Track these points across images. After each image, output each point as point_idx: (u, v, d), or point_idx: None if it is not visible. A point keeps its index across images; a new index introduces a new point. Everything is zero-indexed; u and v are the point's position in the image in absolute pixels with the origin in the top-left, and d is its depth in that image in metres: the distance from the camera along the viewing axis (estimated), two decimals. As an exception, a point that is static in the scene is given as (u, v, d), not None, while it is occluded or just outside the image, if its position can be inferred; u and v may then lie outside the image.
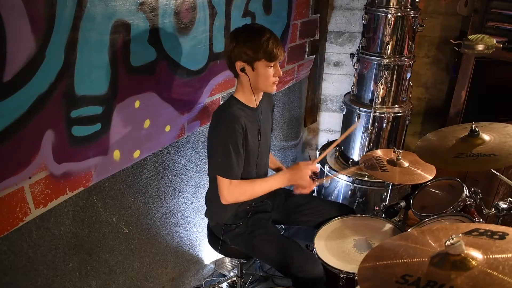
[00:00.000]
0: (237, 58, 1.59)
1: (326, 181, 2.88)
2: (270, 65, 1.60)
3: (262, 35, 1.56)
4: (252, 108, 1.73)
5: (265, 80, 1.63)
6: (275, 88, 1.69)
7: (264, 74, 1.61)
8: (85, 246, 1.59)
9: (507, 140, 1.53)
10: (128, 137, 1.61)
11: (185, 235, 2.22)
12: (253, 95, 1.69)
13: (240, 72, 1.62)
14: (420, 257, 0.99)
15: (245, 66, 1.60)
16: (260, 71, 1.60)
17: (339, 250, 1.75)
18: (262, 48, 1.55)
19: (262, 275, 2.54)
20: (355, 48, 3.06)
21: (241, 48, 1.57)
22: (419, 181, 1.95)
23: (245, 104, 1.70)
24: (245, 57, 1.58)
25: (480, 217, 1.75)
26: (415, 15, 2.53)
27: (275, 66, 1.63)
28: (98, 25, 1.33)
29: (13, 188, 1.21)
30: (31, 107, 1.19)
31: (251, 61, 1.58)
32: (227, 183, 1.64)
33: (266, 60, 1.57)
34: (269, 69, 1.61)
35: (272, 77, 1.64)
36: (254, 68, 1.60)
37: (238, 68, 1.61)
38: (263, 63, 1.58)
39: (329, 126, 3.55)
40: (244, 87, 1.68)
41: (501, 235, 0.95)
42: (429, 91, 3.45)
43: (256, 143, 1.74)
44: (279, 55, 1.59)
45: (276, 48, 1.57)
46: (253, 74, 1.61)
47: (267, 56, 1.57)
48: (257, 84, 1.64)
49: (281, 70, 1.66)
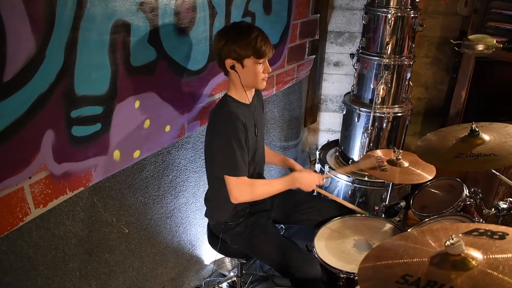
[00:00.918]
0: (226, 56, 1.61)
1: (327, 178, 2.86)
2: (259, 62, 1.62)
3: (250, 33, 1.58)
4: (247, 104, 1.74)
5: (254, 76, 1.65)
6: (265, 84, 1.71)
7: (254, 71, 1.64)
8: (85, 246, 1.59)
9: (507, 140, 1.53)
10: (128, 137, 1.61)
11: (185, 235, 2.22)
12: (245, 92, 1.71)
13: (230, 69, 1.64)
14: (420, 257, 0.99)
15: (234, 63, 1.62)
16: (249, 68, 1.63)
17: (339, 250, 1.75)
18: (251, 46, 1.58)
19: (262, 275, 2.54)
20: (355, 48, 3.06)
21: (230, 46, 1.59)
22: (419, 181, 1.95)
23: (240, 101, 1.72)
24: (234, 54, 1.60)
25: (480, 217, 1.74)
26: (415, 15, 2.53)
27: (264, 63, 1.65)
28: (98, 25, 1.33)
29: (13, 188, 1.21)
30: (31, 107, 1.19)
31: (240, 59, 1.60)
32: (234, 181, 1.64)
33: (255, 57, 1.60)
34: (258, 66, 1.63)
35: (262, 74, 1.66)
36: (243, 65, 1.62)
37: (228, 65, 1.63)
38: (252, 60, 1.61)
39: (329, 126, 3.55)
40: (236, 85, 1.70)
41: (501, 235, 0.95)
42: (429, 91, 3.45)
43: (254, 139, 1.76)
44: (268, 52, 1.62)
45: (265, 46, 1.60)
46: (243, 71, 1.63)
47: (256, 53, 1.59)
48: (247, 81, 1.67)
49: (270, 67, 1.69)
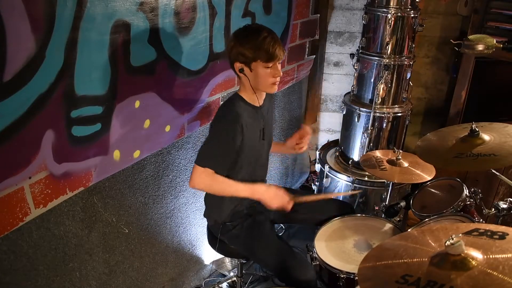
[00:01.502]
0: (235, 59, 1.58)
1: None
2: (268, 65, 1.56)
3: (258, 35, 1.53)
4: (256, 107, 1.71)
5: (263, 81, 1.60)
6: (275, 89, 1.66)
7: (262, 75, 1.58)
8: (85, 246, 1.59)
9: (507, 140, 1.53)
10: (128, 137, 1.61)
11: (185, 235, 2.22)
12: (254, 94, 1.68)
13: (239, 73, 1.61)
14: (420, 257, 0.99)
15: (243, 67, 1.58)
16: (258, 72, 1.57)
17: (339, 250, 1.75)
18: (258, 49, 1.52)
19: (262, 275, 2.54)
20: (355, 48, 3.06)
21: (238, 49, 1.55)
22: (419, 181, 1.95)
23: (249, 102, 1.69)
24: (242, 58, 1.56)
25: (480, 217, 1.75)
26: (415, 15, 2.53)
27: (274, 67, 1.58)
28: (98, 25, 1.33)
29: (13, 188, 1.21)
30: (31, 107, 1.19)
31: (248, 62, 1.56)
32: (199, 170, 1.59)
33: (262, 61, 1.54)
34: (267, 70, 1.57)
35: (272, 78, 1.60)
36: (251, 69, 1.58)
37: (237, 69, 1.60)
38: (260, 64, 1.55)
39: (329, 126, 3.55)
40: (246, 87, 1.66)
41: (501, 235, 0.96)
42: (429, 91, 3.45)
43: (259, 142, 1.73)
44: (277, 55, 1.55)
45: (273, 48, 1.53)
46: (251, 75, 1.60)
47: (263, 57, 1.53)
48: (257, 85, 1.63)
49: (281, 71, 1.63)
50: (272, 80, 1.61)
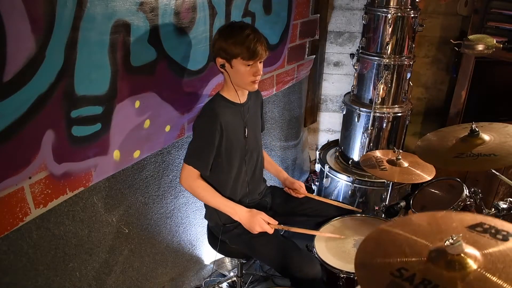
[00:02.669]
0: (217, 54, 1.59)
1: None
2: (248, 63, 1.55)
3: (242, 31, 1.52)
4: (238, 104, 1.71)
5: (243, 78, 1.60)
6: (255, 87, 1.65)
7: (242, 73, 1.58)
8: (85, 246, 1.59)
9: (507, 140, 1.53)
10: (128, 137, 1.61)
11: (185, 235, 2.22)
12: (235, 91, 1.67)
13: (220, 68, 1.62)
14: (418, 252, 0.97)
15: (224, 62, 1.58)
16: (238, 69, 1.57)
17: (339, 250, 1.75)
18: (239, 45, 1.52)
19: (262, 275, 2.54)
20: (355, 48, 3.06)
21: (220, 44, 1.55)
22: (418, 180, 1.95)
23: (230, 100, 1.69)
24: (223, 54, 1.56)
25: (480, 217, 1.75)
26: (415, 15, 2.53)
27: (254, 65, 1.58)
28: (98, 25, 1.33)
29: (13, 188, 1.21)
30: (31, 107, 1.19)
31: (229, 59, 1.56)
32: (187, 168, 1.64)
33: (243, 58, 1.54)
34: (247, 68, 1.57)
35: (251, 76, 1.59)
36: (232, 65, 1.57)
37: (218, 64, 1.61)
38: (240, 61, 1.55)
39: (329, 126, 3.55)
40: (227, 83, 1.66)
41: (504, 236, 0.94)
42: (429, 91, 3.45)
43: (242, 140, 1.73)
44: (258, 54, 1.53)
45: (255, 46, 1.51)
46: (232, 72, 1.60)
47: (244, 54, 1.53)
48: (236, 82, 1.62)
49: (261, 70, 1.61)
50: (251, 78, 1.60)
